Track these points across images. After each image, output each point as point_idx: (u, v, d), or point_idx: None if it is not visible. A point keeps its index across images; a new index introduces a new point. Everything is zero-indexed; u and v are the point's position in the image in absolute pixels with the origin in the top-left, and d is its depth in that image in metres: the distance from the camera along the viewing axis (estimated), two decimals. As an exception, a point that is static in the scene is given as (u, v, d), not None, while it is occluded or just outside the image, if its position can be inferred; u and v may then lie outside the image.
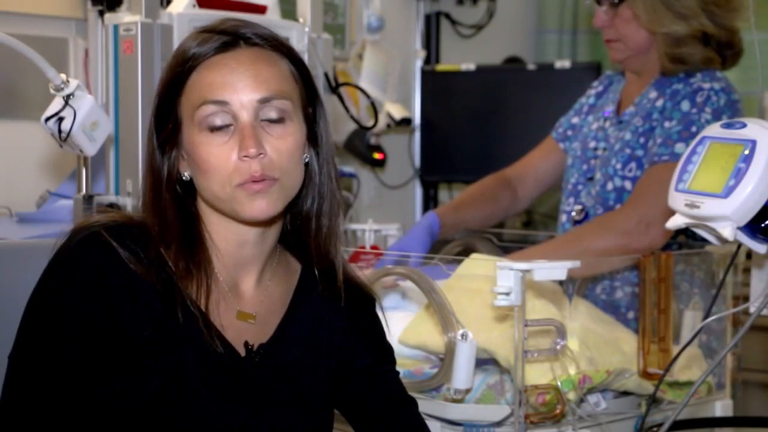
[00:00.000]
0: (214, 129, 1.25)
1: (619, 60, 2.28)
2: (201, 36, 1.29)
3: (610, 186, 2.19)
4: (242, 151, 1.24)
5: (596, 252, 2.01)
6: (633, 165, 2.16)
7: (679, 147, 2.07)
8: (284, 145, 1.27)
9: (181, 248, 1.29)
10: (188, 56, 1.28)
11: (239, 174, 1.24)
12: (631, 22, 2.18)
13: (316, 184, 1.36)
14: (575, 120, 2.43)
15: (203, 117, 1.26)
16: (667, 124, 2.12)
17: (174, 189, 1.31)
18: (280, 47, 1.31)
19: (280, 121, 1.27)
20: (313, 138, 1.34)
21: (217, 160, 1.25)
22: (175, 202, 1.31)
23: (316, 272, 1.39)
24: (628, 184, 2.16)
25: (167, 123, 1.30)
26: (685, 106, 2.13)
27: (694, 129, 2.09)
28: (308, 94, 1.34)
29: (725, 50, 2.20)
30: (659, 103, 2.17)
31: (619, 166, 2.18)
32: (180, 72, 1.28)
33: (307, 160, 1.33)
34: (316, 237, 1.37)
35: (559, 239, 2.15)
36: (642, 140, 2.16)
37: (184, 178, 1.31)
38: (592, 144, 2.28)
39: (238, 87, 1.25)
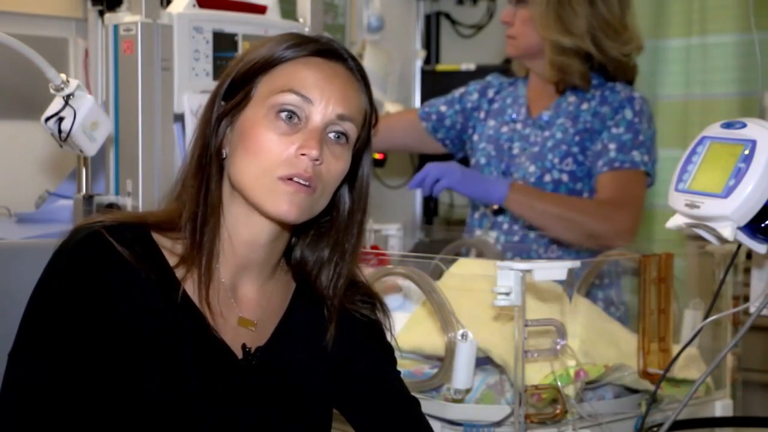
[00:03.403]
0: (284, 118, 1.26)
1: (513, 56, 2.53)
2: (295, 38, 1.32)
3: (547, 178, 2.38)
4: (303, 149, 1.25)
5: (591, 233, 2.24)
6: (569, 160, 2.38)
7: (635, 155, 2.31)
8: (336, 165, 1.29)
9: (208, 224, 1.28)
10: (284, 47, 1.30)
11: (290, 166, 1.25)
12: (528, 24, 2.41)
13: (342, 224, 1.36)
14: (443, 108, 2.62)
15: (281, 103, 1.27)
16: (614, 131, 2.34)
17: (218, 161, 1.31)
18: (366, 84, 1.35)
19: (342, 142, 1.30)
20: (352, 179, 1.36)
21: (273, 146, 1.25)
22: (217, 172, 1.31)
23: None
24: (565, 177, 2.38)
25: (235, 96, 1.30)
26: (629, 114, 2.35)
27: (641, 138, 2.33)
28: (366, 138, 1.36)
29: (604, 72, 2.41)
30: (585, 106, 2.39)
31: (556, 160, 2.38)
32: (274, 57, 1.30)
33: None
34: (328, 281, 1.38)
35: (564, 208, 2.31)
36: (578, 138, 2.37)
37: (223, 155, 1.31)
38: (506, 145, 2.48)
39: (327, 93, 1.28)
